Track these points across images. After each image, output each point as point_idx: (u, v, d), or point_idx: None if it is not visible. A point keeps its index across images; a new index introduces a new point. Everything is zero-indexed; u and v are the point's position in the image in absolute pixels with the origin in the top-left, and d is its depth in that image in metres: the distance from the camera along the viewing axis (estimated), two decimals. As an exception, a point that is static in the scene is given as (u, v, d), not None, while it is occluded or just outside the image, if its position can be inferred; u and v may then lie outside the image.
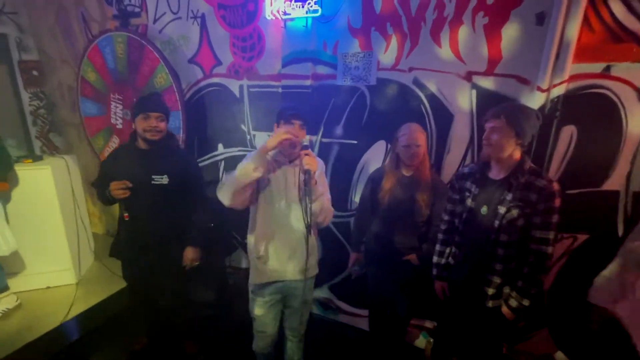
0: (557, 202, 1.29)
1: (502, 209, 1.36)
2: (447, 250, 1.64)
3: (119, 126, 2.80)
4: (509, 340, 1.98)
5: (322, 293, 2.47)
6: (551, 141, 1.65)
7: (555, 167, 1.69)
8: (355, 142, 2.13)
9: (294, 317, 1.68)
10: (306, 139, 1.51)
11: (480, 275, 1.45)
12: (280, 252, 1.53)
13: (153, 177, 1.71)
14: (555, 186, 1.30)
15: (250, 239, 1.56)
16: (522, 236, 1.35)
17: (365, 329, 2.28)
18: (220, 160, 2.62)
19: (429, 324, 2.17)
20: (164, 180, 1.72)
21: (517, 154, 1.37)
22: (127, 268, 1.92)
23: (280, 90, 2.22)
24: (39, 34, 3.07)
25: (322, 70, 2.09)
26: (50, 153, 3.20)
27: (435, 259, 1.67)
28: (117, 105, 2.75)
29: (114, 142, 2.88)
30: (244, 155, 2.49)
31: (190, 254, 1.84)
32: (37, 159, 2.45)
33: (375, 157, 2.10)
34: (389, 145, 2.05)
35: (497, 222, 1.37)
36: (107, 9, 2.71)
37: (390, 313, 1.93)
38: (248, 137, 2.46)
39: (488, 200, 1.42)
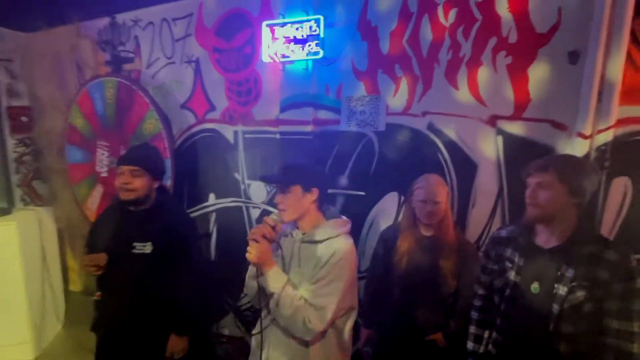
0: (639, 282, 0.98)
1: (562, 290, 1.04)
2: (486, 334, 1.29)
3: (104, 174, 2.58)
4: None
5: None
6: (601, 198, 1.36)
7: (606, 230, 1.38)
8: (363, 193, 1.86)
9: None
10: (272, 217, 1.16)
11: None
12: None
13: (134, 244, 1.42)
14: (634, 261, 0.99)
15: None
16: (592, 327, 1.02)
17: None
18: (211, 211, 2.35)
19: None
20: (147, 249, 1.43)
21: (573, 217, 1.08)
22: (102, 343, 1.57)
23: (278, 136, 2.01)
24: (32, 80, 2.98)
25: (324, 115, 1.89)
26: (30, 202, 2.95)
27: (470, 345, 1.31)
28: (103, 152, 2.55)
29: (98, 192, 2.64)
30: (237, 207, 2.28)
31: (175, 345, 1.50)
32: (4, 212, 2.19)
33: (386, 211, 1.82)
34: (402, 197, 1.77)
35: (556, 307, 1.05)
36: (101, 55, 2.62)
37: None
38: (242, 186, 2.21)
39: (539, 275, 1.11)
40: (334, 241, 1.11)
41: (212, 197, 2.33)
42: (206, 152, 2.30)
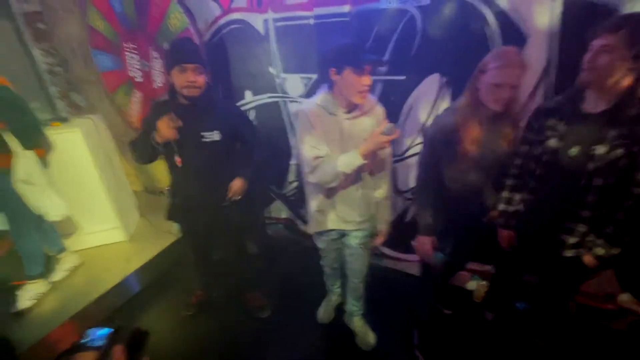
0: None
1: (601, 149, 1.15)
2: (518, 197, 1.47)
3: (139, 79, 2.62)
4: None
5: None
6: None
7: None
8: (403, 77, 1.86)
9: (355, 259, 1.68)
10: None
11: (560, 224, 1.30)
12: (339, 206, 1.51)
13: (202, 134, 1.58)
14: None
15: (309, 194, 1.56)
16: (621, 179, 1.16)
17: (410, 273, 2.28)
18: (250, 109, 2.43)
19: (477, 267, 2.12)
20: (215, 136, 1.60)
21: (627, 80, 1.10)
22: (185, 228, 1.92)
23: (312, 21, 1.91)
24: (34, -21, 2.76)
25: (362, -9, 1.75)
26: (74, 114, 3.11)
27: (501, 206, 1.52)
28: (132, 55, 2.54)
29: (136, 98, 2.73)
30: (275, 103, 2.34)
31: (237, 185, 1.75)
32: (63, 121, 2.37)
33: (425, 95, 1.84)
34: (444, 79, 1.77)
35: (591, 165, 1.17)
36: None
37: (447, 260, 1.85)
38: (277, 80, 2.23)
39: (581, 139, 1.20)
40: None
41: (248, 95, 2.38)
42: (236, 47, 2.24)
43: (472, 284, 2.11)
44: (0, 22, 2.72)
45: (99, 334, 0.68)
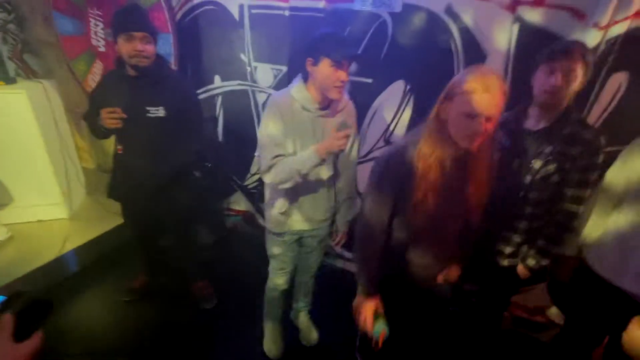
0: (600, 158, 1.15)
1: (537, 164, 1.23)
2: None
3: (102, 49, 2.48)
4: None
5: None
6: (596, 89, 1.45)
7: (593, 119, 1.51)
8: (370, 80, 1.89)
9: (310, 255, 1.66)
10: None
11: (499, 233, 1.36)
12: (304, 206, 1.45)
13: (148, 108, 1.51)
14: (602, 141, 1.15)
15: (272, 194, 1.46)
16: (554, 193, 1.24)
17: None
18: (217, 94, 2.37)
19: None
20: (160, 112, 1.52)
21: (566, 102, 1.19)
22: (126, 209, 1.82)
23: (287, 13, 1.91)
24: None
25: (338, -10, 1.77)
26: (26, 77, 2.87)
27: None
28: (97, 23, 2.40)
29: (97, 68, 2.58)
30: (243, 91, 2.30)
31: None
32: (10, 81, 2.18)
33: (390, 100, 1.89)
34: (408, 86, 1.82)
35: (529, 178, 1.25)
36: None
37: None
38: (248, 69, 2.19)
39: (521, 153, 1.28)
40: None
41: (217, 80, 2.32)
42: (209, 29, 2.19)
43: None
44: (-52, -34, 2.47)
45: None
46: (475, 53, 1.63)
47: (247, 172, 2.54)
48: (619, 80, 1.43)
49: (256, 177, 2.53)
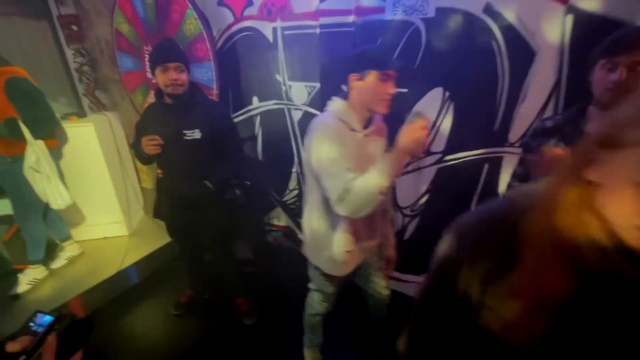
0: None
1: None
2: None
3: (155, 81, 2.73)
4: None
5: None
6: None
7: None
8: (405, 90, 1.82)
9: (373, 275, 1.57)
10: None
11: None
12: (365, 232, 1.31)
13: (184, 132, 1.61)
14: None
15: (333, 229, 1.27)
16: None
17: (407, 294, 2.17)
18: (256, 115, 2.46)
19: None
20: (196, 134, 1.62)
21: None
22: (170, 227, 1.94)
23: (317, 30, 1.93)
24: (73, -15, 2.99)
25: (367, 2, 1.74)
26: (97, 110, 3.28)
27: None
28: (151, 58, 2.65)
29: (152, 98, 2.84)
30: (280, 110, 2.36)
31: None
32: (81, 116, 2.50)
33: (428, 109, 1.78)
34: (447, 93, 1.71)
35: None
36: (133, -51, 2.49)
37: None
38: (283, 88, 2.25)
39: None
40: None
41: (255, 100, 2.42)
42: (247, 54, 2.30)
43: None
44: (39, 23, 2.95)
45: (44, 320, 0.68)
46: (522, 51, 1.48)
47: (286, 188, 2.58)
48: None
49: (295, 192, 2.55)
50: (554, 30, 1.39)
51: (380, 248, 1.48)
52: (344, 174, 1.07)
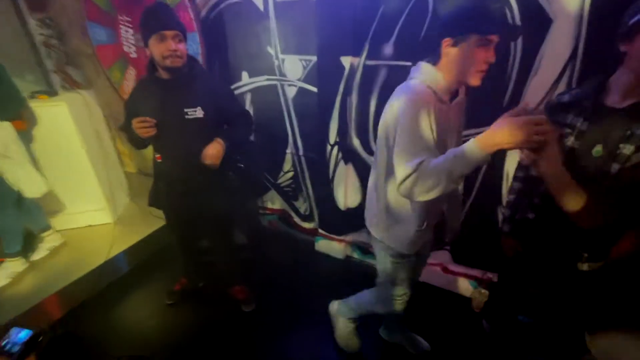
0: None
1: (626, 149, 0.99)
2: (525, 202, 1.32)
3: (133, 55, 2.50)
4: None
5: (361, 237, 2.31)
6: None
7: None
8: (410, 63, 1.70)
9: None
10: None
11: (576, 236, 1.14)
12: (434, 217, 1.23)
13: (186, 110, 1.46)
14: None
15: (412, 202, 1.16)
16: None
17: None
18: (246, 92, 2.30)
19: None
20: (199, 113, 1.47)
21: None
22: (170, 215, 1.81)
23: (314, -2, 1.76)
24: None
25: (369, -36, 1.59)
26: (70, 89, 3.02)
27: (506, 211, 1.37)
28: (127, 29, 2.41)
29: (131, 75, 2.62)
30: (272, 86, 2.20)
31: (213, 149, 1.49)
32: (52, 94, 2.27)
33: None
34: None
35: (615, 166, 1.01)
36: None
37: None
38: (276, 62, 2.08)
39: (604, 137, 1.04)
40: None
41: (245, 76, 2.25)
42: (234, 24, 2.10)
43: (468, 291, 1.97)
44: (-5, -11, 2.62)
45: (19, 337, 0.59)
46: (537, 19, 1.37)
47: (280, 170, 2.47)
48: None
49: (290, 174, 2.45)
50: (573, -5, 1.29)
51: (444, 226, 1.34)
52: (419, 153, 0.95)
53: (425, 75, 1.05)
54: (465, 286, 2.00)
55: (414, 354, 1.67)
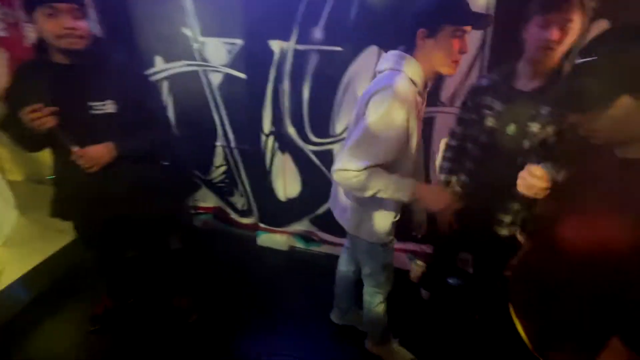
0: None
1: (534, 127, 1.15)
2: (454, 179, 1.45)
3: (2, 33, 1.98)
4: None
5: (303, 226, 2.30)
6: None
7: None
8: (340, 48, 1.69)
9: None
10: None
11: (498, 203, 1.30)
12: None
13: (91, 104, 1.20)
14: None
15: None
16: (553, 157, 1.18)
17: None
18: (162, 79, 2.02)
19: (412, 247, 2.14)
20: (109, 107, 1.22)
21: (559, 57, 1.10)
22: (81, 226, 1.52)
23: (234, -27, 1.60)
24: None
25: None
26: None
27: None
28: (-12, -1, 1.89)
29: (1, 59, 2.08)
30: (193, 72, 1.97)
31: (94, 151, 1.23)
32: None
33: (365, 71, 1.71)
34: (382, 52, 1.64)
35: (527, 143, 1.17)
36: None
37: None
38: (195, 45, 1.86)
39: (516, 117, 1.19)
40: None
41: (159, 61, 1.97)
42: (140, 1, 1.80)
43: (411, 265, 2.13)
44: None
45: None
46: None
47: (211, 165, 2.28)
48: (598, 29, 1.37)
49: (222, 169, 2.28)
50: (480, -11, 1.41)
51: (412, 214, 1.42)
52: (384, 154, 0.99)
53: (409, 68, 1.02)
54: (402, 260, 2.15)
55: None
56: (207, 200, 2.45)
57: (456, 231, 1.48)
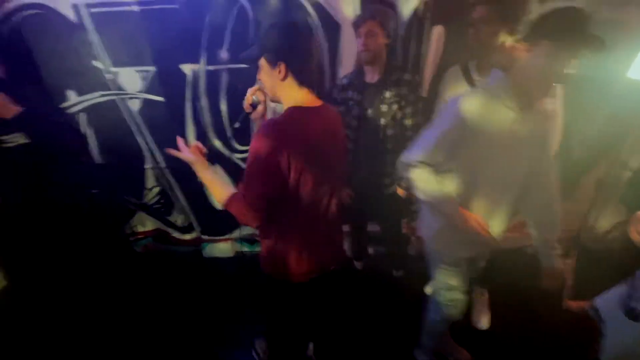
0: (420, 92, 1.60)
1: (384, 107, 1.54)
2: None
3: None
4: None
5: (245, 230, 2.45)
6: (424, 39, 1.82)
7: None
8: (246, 65, 1.93)
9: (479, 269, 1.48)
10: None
11: (377, 171, 1.67)
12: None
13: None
14: (418, 78, 1.55)
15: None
16: (401, 126, 1.59)
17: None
18: (77, 112, 2.04)
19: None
20: (18, 138, 1.30)
21: (385, 56, 1.52)
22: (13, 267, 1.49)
23: (136, 8, 1.75)
24: None
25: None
26: None
27: None
28: None
29: None
30: (109, 102, 2.02)
31: None
32: None
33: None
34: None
35: (382, 120, 1.56)
36: None
37: None
38: (108, 76, 1.95)
39: (371, 103, 1.58)
40: None
41: (72, 95, 2.00)
42: (41, 38, 1.83)
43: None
44: None
45: None
46: (332, 26, 1.82)
47: (143, 188, 2.33)
48: (438, 32, 1.82)
49: (156, 190, 2.34)
50: (348, 7, 1.78)
51: None
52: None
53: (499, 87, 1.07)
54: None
55: None
56: (145, 224, 2.47)
57: (356, 202, 1.79)
